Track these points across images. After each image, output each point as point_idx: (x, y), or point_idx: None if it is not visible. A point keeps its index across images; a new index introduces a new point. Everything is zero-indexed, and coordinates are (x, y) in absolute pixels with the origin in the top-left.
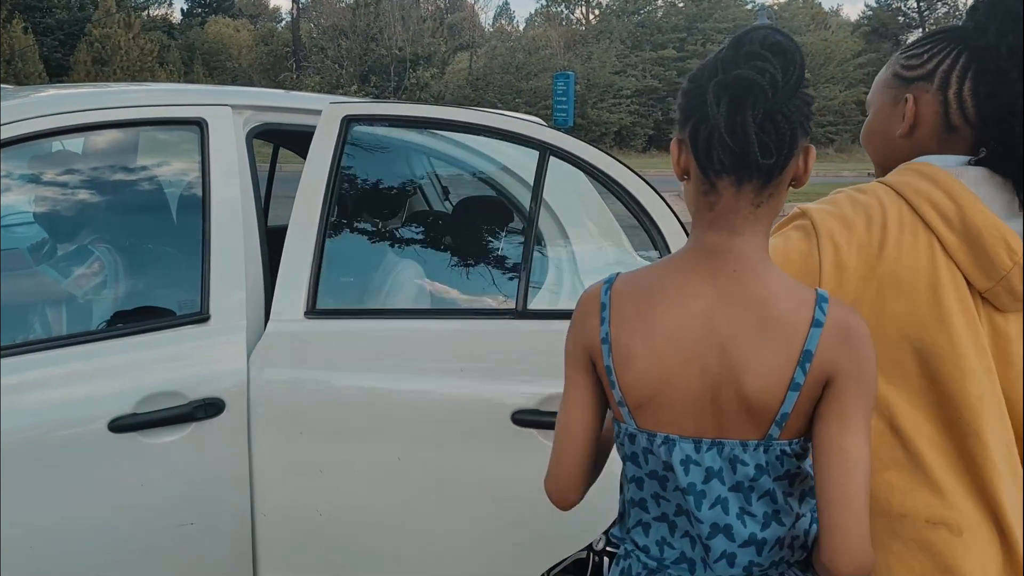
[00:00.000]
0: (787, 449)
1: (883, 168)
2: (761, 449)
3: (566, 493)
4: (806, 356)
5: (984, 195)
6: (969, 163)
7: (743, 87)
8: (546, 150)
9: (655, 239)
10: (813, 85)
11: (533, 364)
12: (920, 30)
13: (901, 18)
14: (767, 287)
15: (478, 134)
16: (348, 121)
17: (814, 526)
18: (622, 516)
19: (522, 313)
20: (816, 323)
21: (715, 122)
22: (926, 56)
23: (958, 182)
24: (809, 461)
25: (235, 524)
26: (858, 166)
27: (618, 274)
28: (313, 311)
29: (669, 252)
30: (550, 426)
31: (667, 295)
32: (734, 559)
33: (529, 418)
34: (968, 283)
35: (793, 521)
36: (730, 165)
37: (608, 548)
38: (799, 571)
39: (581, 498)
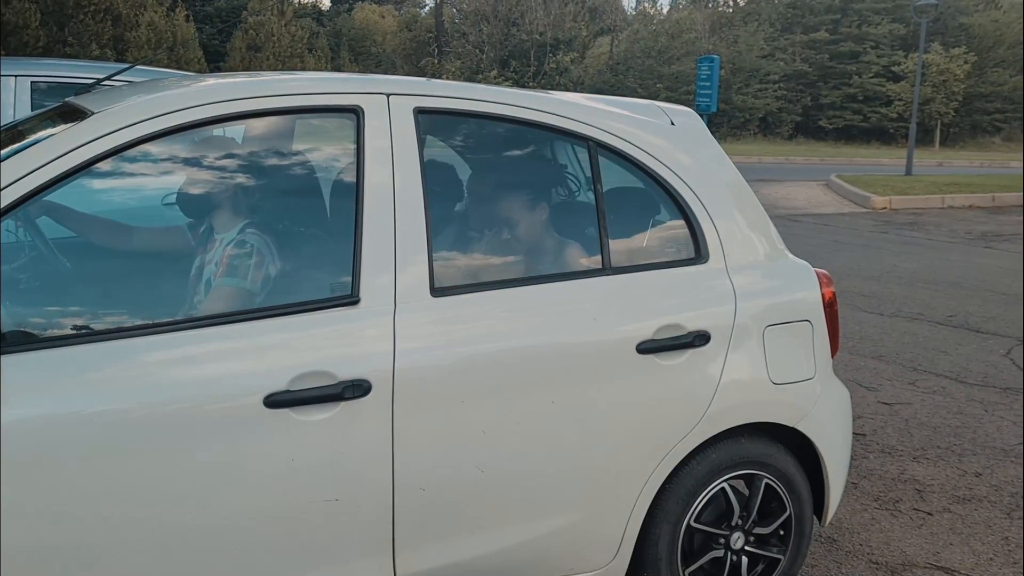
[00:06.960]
0: None
1: None
2: None
3: None
4: None
5: None
6: None
7: None
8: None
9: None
10: (980, 70)
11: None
12: None
13: None
14: None
15: (527, 126)
16: (417, 112)
17: None
18: None
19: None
20: None
21: None
22: None
23: None
24: None
25: (377, 503)
26: None
27: None
28: (435, 290)
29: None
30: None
31: None
32: None
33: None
34: None
35: None
36: None
37: (747, 547)
38: None
39: None
